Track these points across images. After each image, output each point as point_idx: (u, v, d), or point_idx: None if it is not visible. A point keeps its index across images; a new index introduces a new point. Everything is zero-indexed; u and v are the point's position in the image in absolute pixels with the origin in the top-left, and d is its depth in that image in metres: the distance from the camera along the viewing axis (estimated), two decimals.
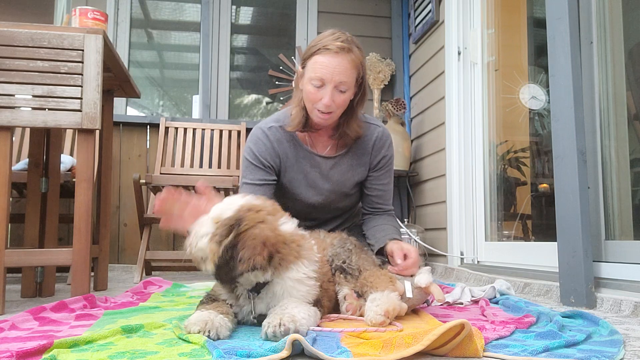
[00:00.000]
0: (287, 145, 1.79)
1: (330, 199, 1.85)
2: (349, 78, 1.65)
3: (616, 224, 1.94)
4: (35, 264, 1.87)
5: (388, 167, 1.89)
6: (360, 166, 1.85)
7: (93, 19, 2.00)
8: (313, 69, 1.65)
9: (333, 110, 1.69)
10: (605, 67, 2.01)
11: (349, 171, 1.84)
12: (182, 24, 4.03)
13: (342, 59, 1.63)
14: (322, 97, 1.66)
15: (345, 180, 1.84)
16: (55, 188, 2.23)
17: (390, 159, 1.89)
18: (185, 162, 3.44)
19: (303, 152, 1.81)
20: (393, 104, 3.44)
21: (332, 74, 1.63)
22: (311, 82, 1.66)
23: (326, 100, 1.65)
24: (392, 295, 1.39)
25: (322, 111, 1.68)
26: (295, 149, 1.80)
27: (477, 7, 3.06)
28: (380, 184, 1.88)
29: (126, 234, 3.52)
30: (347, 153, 1.84)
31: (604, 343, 1.12)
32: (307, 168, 1.81)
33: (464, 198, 2.98)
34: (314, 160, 1.81)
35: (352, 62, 1.65)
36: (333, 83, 1.64)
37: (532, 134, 3.29)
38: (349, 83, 1.66)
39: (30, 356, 0.97)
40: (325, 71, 1.63)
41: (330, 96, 1.65)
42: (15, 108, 1.72)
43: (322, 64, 1.63)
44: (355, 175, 1.85)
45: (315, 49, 1.66)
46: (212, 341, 1.07)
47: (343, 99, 1.68)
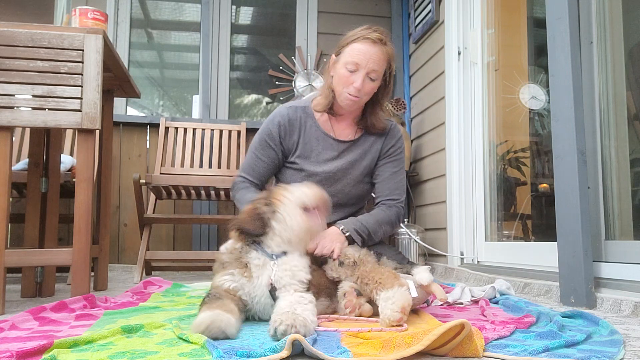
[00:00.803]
0: (303, 124, 1.90)
1: (338, 177, 1.89)
2: (380, 68, 1.79)
3: (616, 224, 1.95)
4: (35, 264, 1.87)
5: (397, 156, 1.95)
6: (371, 152, 1.93)
7: (93, 19, 2.00)
8: (350, 54, 1.78)
9: (361, 97, 1.80)
10: (605, 67, 2.01)
11: (361, 155, 1.92)
12: (182, 24, 4.03)
13: (378, 49, 1.77)
14: (354, 81, 1.77)
15: (355, 161, 1.91)
16: (55, 188, 2.23)
17: (401, 150, 1.96)
18: (185, 162, 3.44)
19: (318, 134, 1.90)
20: (393, 104, 3.44)
21: (368, 60, 1.76)
22: (346, 66, 1.78)
23: (358, 83, 1.76)
24: (403, 290, 1.39)
25: (351, 94, 1.79)
26: (311, 129, 1.90)
27: (477, 7, 3.06)
28: (388, 172, 1.92)
29: (126, 234, 3.52)
30: (361, 139, 1.93)
31: (604, 343, 1.12)
32: (319, 148, 1.90)
33: (464, 198, 2.98)
34: (327, 142, 1.90)
35: (385, 54, 1.79)
36: (366, 69, 1.76)
37: (532, 134, 3.29)
38: (379, 73, 1.79)
39: (30, 356, 0.97)
40: (361, 57, 1.76)
41: (362, 80, 1.77)
42: (15, 108, 1.72)
43: (359, 50, 1.76)
44: (365, 160, 1.92)
45: (354, 37, 1.80)
46: (212, 341, 1.07)
47: (372, 87, 1.81)
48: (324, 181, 1.87)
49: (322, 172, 1.88)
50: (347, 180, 1.91)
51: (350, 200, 1.94)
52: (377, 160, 1.94)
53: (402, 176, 1.96)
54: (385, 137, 1.94)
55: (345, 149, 1.91)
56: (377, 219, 1.83)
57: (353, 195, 1.94)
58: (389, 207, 1.89)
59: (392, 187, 1.92)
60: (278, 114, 1.91)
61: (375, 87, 1.83)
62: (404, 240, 3.26)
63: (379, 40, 1.77)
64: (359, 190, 1.94)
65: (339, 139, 1.91)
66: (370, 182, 1.97)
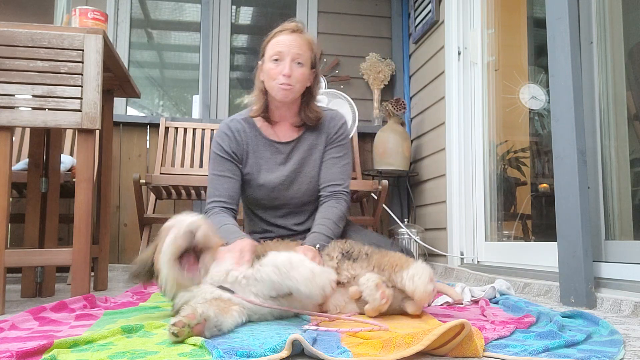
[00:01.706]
0: (248, 134, 1.93)
1: (291, 179, 1.91)
2: (304, 52, 1.83)
3: (616, 224, 1.95)
4: (35, 264, 1.87)
5: (341, 142, 1.96)
6: (318, 146, 1.95)
7: (93, 19, 1.99)
8: (272, 47, 1.83)
9: (293, 84, 1.82)
10: (605, 67, 2.01)
11: (307, 151, 1.94)
12: (182, 24, 4.03)
13: (296, 36, 1.84)
14: (282, 69, 1.80)
15: (305, 158, 1.93)
16: (55, 188, 2.23)
17: (345, 136, 1.98)
18: (185, 162, 3.44)
19: (263, 141, 1.93)
20: (393, 104, 3.44)
21: (289, 47, 1.81)
22: (271, 60, 1.83)
23: (286, 70, 1.80)
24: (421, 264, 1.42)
25: (283, 83, 1.81)
26: (255, 138, 1.93)
27: (477, 7, 3.06)
28: (331, 158, 1.93)
29: (126, 234, 3.52)
30: (305, 134, 1.95)
31: (604, 343, 1.12)
32: (267, 155, 1.92)
33: (464, 198, 2.98)
34: (273, 147, 1.93)
35: (306, 41, 1.86)
36: (291, 55, 1.81)
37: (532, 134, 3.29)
38: (305, 57, 1.83)
39: (30, 356, 0.97)
40: (282, 45, 1.81)
41: (289, 67, 1.80)
42: (15, 108, 1.72)
43: (279, 41, 1.83)
44: (314, 155, 1.94)
45: (272, 34, 1.87)
46: (212, 341, 1.07)
47: (301, 72, 1.83)
48: (281, 186, 1.90)
49: (276, 178, 1.90)
50: (302, 179, 1.92)
51: (312, 197, 1.94)
52: (324, 149, 1.95)
53: (346, 161, 1.94)
54: (327, 126, 1.96)
55: (291, 150, 1.93)
56: (334, 219, 1.81)
57: (313, 193, 1.94)
58: (337, 199, 1.88)
59: (335, 173, 1.91)
60: (220, 129, 1.94)
61: (305, 73, 1.85)
62: (404, 240, 3.26)
63: (296, 29, 1.85)
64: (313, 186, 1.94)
65: (283, 141, 1.93)
66: None
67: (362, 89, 3.92)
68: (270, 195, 1.91)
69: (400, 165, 3.43)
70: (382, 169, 3.42)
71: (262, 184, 1.90)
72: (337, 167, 1.92)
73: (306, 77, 1.86)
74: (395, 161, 3.40)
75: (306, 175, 1.93)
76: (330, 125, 1.96)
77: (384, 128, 3.49)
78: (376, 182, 3.10)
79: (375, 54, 3.84)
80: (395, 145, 3.39)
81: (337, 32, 3.97)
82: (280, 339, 1.02)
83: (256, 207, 1.97)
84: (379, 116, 3.80)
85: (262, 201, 1.93)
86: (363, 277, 1.50)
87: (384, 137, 3.44)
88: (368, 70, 3.82)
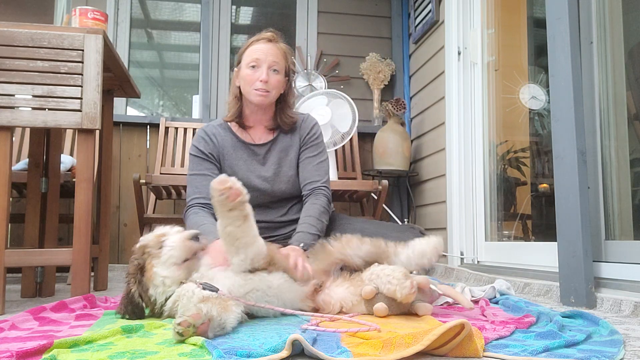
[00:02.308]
0: (224, 137, 2.00)
1: (271, 180, 1.98)
2: (280, 60, 1.92)
3: (616, 224, 1.95)
4: (35, 264, 1.87)
5: (314, 142, 2.04)
6: (292, 147, 2.03)
7: (93, 19, 1.99)
8: (249, 55, 1.91)
9: (270, 90, 1.90)
10: (605, 67, 2.01)
11: (283, 152, 2.02)
12: (182, 24, 4.03)
13: (272, 45, 1.93)
14: (259, 75, 1.88)
15: (281, 159, 2.01)
16: (55, 188, 2.23)
17: (318, 136, 2.06)
18: (186, 162, 3.43)
19: (239, 144, 2.00)
20: (393, 104, 3.44)
21: (266, 55, 1.89)
22: (248, 67, 1.90)
23: (263, 75, 1.88)
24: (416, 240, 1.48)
25: (259, 88, 1.89)
26: (232, 140, 2.00)
27: (477, 7, 3.05)
28: (306, 157, 2.01)
29: (126, 234, 3.52)
30: (279, 137, 2.03)
31: (604, 343, 1.12)
32: (245, 156, 1.99)
33: (464, 198, 2.98)
34: (249, 149, 2.00)
35: (281, 50, 1.94)
36: (267, 63, 1.89)
37: (532, 134, 3.29)
38: (280, 65, 1.92)
39: (30, 356, 0.97)
40: (260, 53, 1.89)
41: (266, 73, 1.88)
42: (15, 108, 1.72)
43: (256, 49, 1.90)
44: (289, 156, 2.02)
45: (249, 42, 1.94)
46: (212, 341, 1.07)
47: (277, 79, 1.92)
48: (258, 188, 1.95)
49: (254, 180, 1.95)
50: (280, 179, 2.00)
51: (293, 193, 2.02)
52: (300, 150, 2.03)
53: (321, 159, 2.03)
54: (300, 128, 2.04)
55: (267, 151, 2.01)
56: (315, 216, 1.88)
57: (292, 190, 2.01)
58: (316, 195, 1.95)
59: (310, 171, 2.00)
60: (196, 134, 2.02)
61: (281, 80, 1.94)
62: None
63: (273, 39, 1.93)
64: (296, 184, 2.02)
65: (258, 143, 2.01)
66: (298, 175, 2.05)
67: (362, 89, 3.92)
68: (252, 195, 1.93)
69: (400, 165, 3.43)
70: (382, 169, 3.42)
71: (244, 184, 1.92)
72: (312, 166, 2.01)
73: (281, 84, 1.95)
74: (395, 161, 3.40)
75: (284, 175, 2.01)
76: (303, 126, 2.05)
77: (384, 128, 3.49)
78: (376, 182, 3.10)
79: (375, 54, 3.84)
80: (395, 145, 3.39)
81: (337, 32, 3.97)
82: (280, 339, 1.02)
83: None
84: (379, 116, 3.80)
85: None
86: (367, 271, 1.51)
87: (384, 137, 3.44)
88: (368, 70, 3.82)
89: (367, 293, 1.48)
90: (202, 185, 1.89)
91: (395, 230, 1.67)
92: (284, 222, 2.02)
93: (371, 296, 1.48)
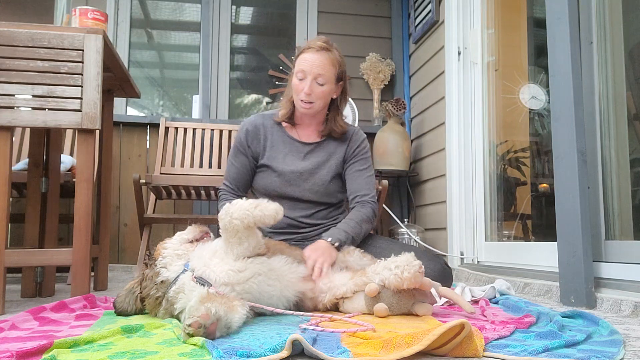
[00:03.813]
0: (269, 129, 2.05)
1: (305, 176, 2.01)
2: (326, 72, 1.92)
3: (616, 224, 1.95)
4: (35, 264, 1.86)
5: (362, 156, 2.07)
6: (336, 154, 2.05)
7: (93, 19, 1.99)
8: (298, 64, 1.94)
9: (313, 101, 1.93)
10: (605, 67, 2.01)
11: (325, 156, 2.04)
12: (182, 24, 4.03)
13: (320, 55, 1.92)
14: (303, 87, 1.91)
15: (321, 162, 2.03)
16: (55, 188, 2.23)
17: (366, 151, 2.09)
18: (185, 162, 3.44)
19: (285, 137, 2.05)
20: (393, 104, 3.44)
21: (312, 67, 1.90)
22: (296, 76, 1.94)
23: (306, 88, 1.90)
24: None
25: (303, 100, 1.93)
26: (277, 133, 2.05)
27: (477, 7, 3.06)
28: (355, 171, 2.04)
29: (126, 234, 3.52)
30: (325, 142, 2.06)
31: (604, 343, 1.12)
32: (286, 150, 2.03)
33: (464, 198, 2.98)
34: (293, 145, 2.04)
35: (329, 59, 1.93)
36: (312, 75, 1.91)
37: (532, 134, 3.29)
38: (326, 77, 1.92)
39: (30, 356, 0.97)
40: (306, 64, 1.91)
41: (309, 86, 1.90)
42: (15, 108, 1.72)
43: (304, 59, 1.92)
44: (331, 161, 2.04)
45: (301, 50, 1.96)
46: (212, 341, 1.07)
47: (321, 91, 1.93)
48: (292, 181, 2.00)
49: (289, 172, 2.00)
50: (315, 180, 2.01)
51: (321, 198, 2.03)
52: (344, 163, 2.06)
53: (369, 173, 2.06)
54: (349, 141, 2.07)
55: (309, 151, 2.04)
56: (356, 220, 1.92)
57: (322, 194, 2.03)
58: (363, 205, 1.99)
59: (360, 184, 2.02)
60: (246, 122, 2.07)
61: (327, 91, 1.95)
62: (404, 240, 3.26)
63: (322, 48, 1.92)
64: (328, 190, 2.03)
65: (304, 141, 2.05)
66: (339, 184, 2.07)
67: (362, 89, 3.92)
68: (283, 186, 2.01)
69: (400, 165, 3.43)
70: (382, 169, 3.42)
71: (279, 173, 2.00)
72: (362, 179, 2.03)
73: (327, 94, 1.96)
74: (395, 161, 3.40)
75: (320, 178, 2.02)
76: (353, 139, 2.08)
77: (384, 128, 3.49)
78: (376, 182, 3.10)
79: (375, 54, 3.84)
80: (395, 145, 3.39)
81: (337, 32, 3.97)
82: (280, 339, 1.02)
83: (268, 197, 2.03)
84: (379, 116, 3.80)
85: (275, 191, 2.01)
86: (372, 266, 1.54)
87: (384, 137, 3.44)
88: (368, 70, 3.82)
89: (370, 290, 1.48)
90: (232, 174, 2.04)
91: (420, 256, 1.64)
92: (307, 224, 2.02)
93: (374, 294, 1.48)
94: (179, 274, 1.43)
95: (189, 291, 1.37)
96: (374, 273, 1.51)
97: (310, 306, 1.58)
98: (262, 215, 1.40)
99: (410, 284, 1.43)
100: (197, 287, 1.36)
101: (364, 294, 1.52)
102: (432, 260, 1.88)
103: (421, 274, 1.43)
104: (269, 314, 1.47)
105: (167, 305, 1.40)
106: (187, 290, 1.37)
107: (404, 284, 1.43)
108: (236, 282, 1.40)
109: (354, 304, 1.55)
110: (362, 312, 1.53)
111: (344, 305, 1.58)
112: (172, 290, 1.40)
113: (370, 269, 1.54)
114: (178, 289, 1.39)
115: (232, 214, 1.40)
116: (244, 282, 1.41)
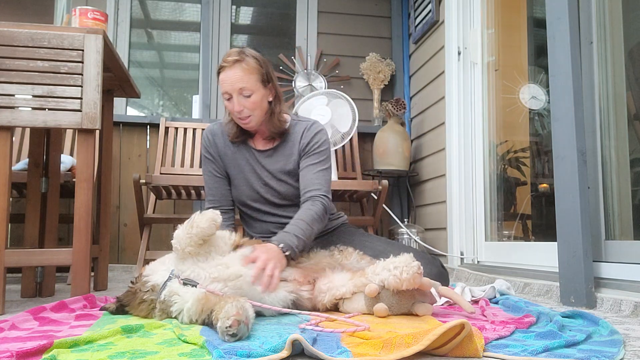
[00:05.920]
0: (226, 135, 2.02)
1: (269, 184, 2.00)
2: (248, 83, 1.84)
3: (616, 224, 1.95)
4: (35, 264, 1.87)
5: (315, 150, 1.98)
6: (292, 155, 2.00)
7: (93, 19, 1.99)
8: (221, 87, 1.88)
9: (249, 114, 1.88)
10: (605, 67, 2.01)
11: (282, 159, 2.00)
12: (182, 24, 4.03)
13: (235, 69, 1.84)
14: (233, 106, 1.87)
15: (279, 166, 2.00)
16: (55, 188, 2.23)
17: (320, 144, 1.99)
18: (185, 162, 3.44)
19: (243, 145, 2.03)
20: (393, 104, 3.44)
21: (232, 84, 1.84)
22: (223, 97, 1.89)
23: (235, 107, 1.86)
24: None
25: (240, 118, 1.89)
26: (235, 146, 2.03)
27: (477, 7, 3.05)
28: (307, 166, 1.96)
29: (126, 234, 3.52)
30: (280, 146, 2.02)
31: (604, 343, 1.12)
32: (247, 155, 2.01)
33: (464, 198, 2.98)
34: (250, 152, 2.02)
35: (246, 69, 1.84)
36: (235, 92, 1.84)
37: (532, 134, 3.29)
38: (250, 87, 1.85)
39: (30, 356, 0.97)
40: (226, 85, 1.85)
41: (238, 103, 1.85)
42: (15, 108, 1.72)
43: (223, 81, 1.86)
44: (288, 164, 1.99)
45: (218, 70, 1.89)
46: (212, 341, 1.07)
47: (252, 102, 1.87)
48: (263, 188, 1.99)
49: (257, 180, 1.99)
50: (281, 186, 1.99)
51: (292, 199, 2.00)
52: (299, 159, 2.00)
53: (321, 168, 1.95)
54: (301, 137, 2.00)
55: (268, 157, 2.01)
56: (307, 221, 1.78)
57: (293, 197, 2.00)
58: (313, 202, 1.88)
59: (311, 179, 1.93)
60: (205, 130, 2.06)
61: (257, 100, 1.87)
62: (404, 240, 3.26)
63: (234, 61, 1.83)
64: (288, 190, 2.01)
65: (260, 149, 2.02)
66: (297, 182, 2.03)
67: (362, 89, 3.92)
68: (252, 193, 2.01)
69: (400, 165, 3.43)
70: (382, 169, 3.43)
71: (245, 183, 2.00)
72: (312, 174, 1.94)
73: (259, 102, 1.88)
74: (395, 161, 3.40)
75: (285, 183, 2.00)
76: (305, 135, 2.00)
77: (384, 128, 3.49)
78: (376, 182, 3.10)
79: (375, 54, 3.84)
80: (395, 145, 3.39)
81: (337, 32, 3.97)
82: (280, 339, 1.02)
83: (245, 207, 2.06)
84: (379, 116, 3.80)
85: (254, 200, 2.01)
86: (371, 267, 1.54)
87: (384, 137, 3.44)
88: (368, 70, 3.82)
89: (370, 291, 1.48)
90: (214, 187, 2.02)
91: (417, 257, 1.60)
92: None
93: (374, 294, 1.48)
94: (165, 279, 1.44)
95: (183, 293, 1.38)
96: (374, 274, 1.51)
97: (310, 306, 1.58)
98: (201, 230, 1.45)
99: (409, 285, 1.43)
100: (189, 288, 1.38)
101: (364, 295, 1.52)
102: (429, 263, 1.86)
103: (420, 274, 1.43)
104: (269, 314, 1.47)
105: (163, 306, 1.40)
106: (182, 292, 1.38)
107: (403, 285, 1.42)
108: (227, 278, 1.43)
109: (354, 305, 1.55)
110: (362, 312, 1.53)
111: (344, 305, 1.58)
112: (163, 294, 1.40)
113: (369, 270, 1.54)
114: (169, 292, 1.40)
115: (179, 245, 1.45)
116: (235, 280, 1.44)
